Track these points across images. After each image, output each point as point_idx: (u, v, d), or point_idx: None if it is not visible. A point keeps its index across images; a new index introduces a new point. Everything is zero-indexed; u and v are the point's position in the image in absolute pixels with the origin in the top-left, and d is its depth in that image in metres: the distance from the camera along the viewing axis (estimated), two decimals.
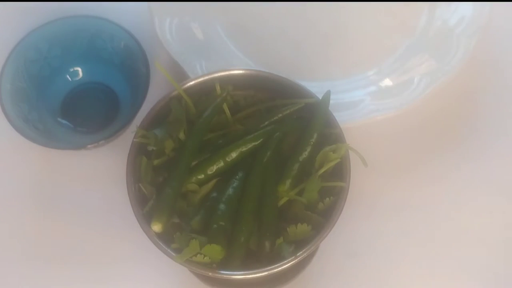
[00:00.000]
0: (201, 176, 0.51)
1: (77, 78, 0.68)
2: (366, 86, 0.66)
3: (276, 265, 0.47)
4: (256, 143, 0.52)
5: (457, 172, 0.64)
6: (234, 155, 0.51)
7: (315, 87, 0.63)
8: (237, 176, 0.51)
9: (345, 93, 0.65)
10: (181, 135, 0.52)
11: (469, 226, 0.62)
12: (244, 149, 0.51)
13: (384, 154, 0.64)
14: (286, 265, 0.47)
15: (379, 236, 0.62)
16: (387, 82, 0.65)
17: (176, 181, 0.50)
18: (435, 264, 0.60)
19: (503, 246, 0.61)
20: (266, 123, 0.53)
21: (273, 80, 0.55)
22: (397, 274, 0.60)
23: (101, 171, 0.64)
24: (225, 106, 0.53)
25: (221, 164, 0.51)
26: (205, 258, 0.47)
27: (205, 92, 0.55)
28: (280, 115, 0.54)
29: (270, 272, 0.47)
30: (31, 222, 0.63)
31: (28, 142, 0.60)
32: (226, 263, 0.48)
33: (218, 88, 0.54)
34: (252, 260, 0.49)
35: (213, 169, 0.51)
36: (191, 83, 0.54)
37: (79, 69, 0.68)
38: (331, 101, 0.54)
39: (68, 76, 0.67)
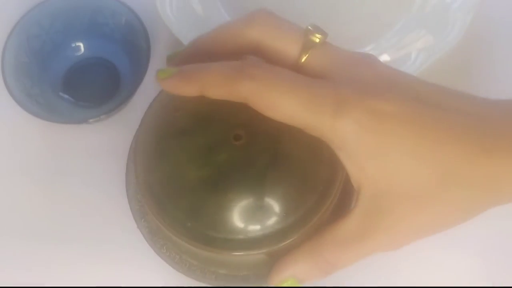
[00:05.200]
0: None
1: (79, 54, 0.68)
2: None
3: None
4: None
5: None
6: None
7: None
8: None
9: None
10: None
11: None
12: None
13: None
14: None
15: None
16: (384, 57, 0.65)
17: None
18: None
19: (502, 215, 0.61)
20: None
21: None
22: None
23: (102, 145, 0.65)
24: None
25: None
26: None
27: None
28: None
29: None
30: (33, 196, 0.64)
31: (30, 116, 0.61)
32: None
33: None
34: None
35: None
36: None
37: (81, 45, 0.68)
38: None
39: (69, 52, 0.68)
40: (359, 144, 0.41)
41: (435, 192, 0.41)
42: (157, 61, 0.66)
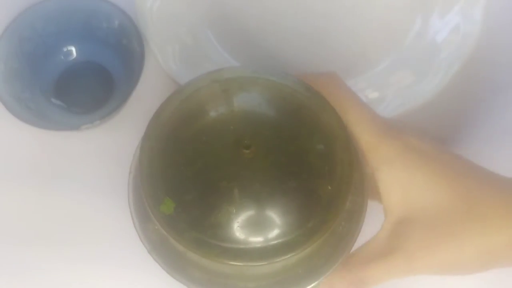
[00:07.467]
0: None
1: (72, 58, 0.67)
2: None
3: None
4: None
5: None
6: None
7: None
8: None
9: None
10: None
11: None
12: None
13: None
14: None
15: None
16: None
17: None
18: None
19: None
20: None
21: None
22: None
23: (95, 152, 0.65)
24: None
25: None
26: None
27: None
28: None
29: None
30: (23, 204, 0.63)
31: (19, 123, 0.59)
32: None
33: None
34: None
35: None
36: None
37: (74, 49, 0.67)
38: None
39: (62, 56, 0.67)
40: (393, 168, 0.48)
41: (454, 222, 0.46)
42: (151, 65, 0.65)
